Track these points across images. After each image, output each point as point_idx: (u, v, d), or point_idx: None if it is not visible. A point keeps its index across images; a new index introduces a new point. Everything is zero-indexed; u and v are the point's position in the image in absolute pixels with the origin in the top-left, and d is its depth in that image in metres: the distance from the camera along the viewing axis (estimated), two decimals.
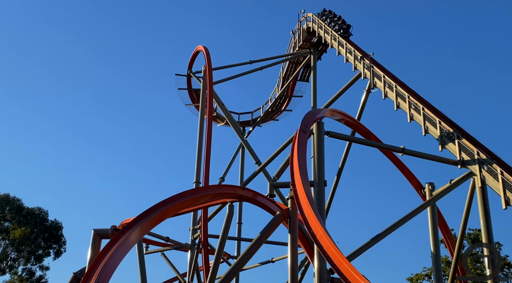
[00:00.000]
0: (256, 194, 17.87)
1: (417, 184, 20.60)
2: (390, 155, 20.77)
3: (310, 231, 12.38)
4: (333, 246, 11.36)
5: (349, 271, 10.47)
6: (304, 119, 16.36)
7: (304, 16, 28.92)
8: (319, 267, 14.06)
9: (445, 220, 20.98)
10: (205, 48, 27.86)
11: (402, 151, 17.76)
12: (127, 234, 13.19)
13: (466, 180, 16.96)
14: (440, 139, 17.45)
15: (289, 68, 30.51)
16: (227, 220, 17.84)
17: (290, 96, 31.90)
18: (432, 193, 18.88)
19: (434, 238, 18.62)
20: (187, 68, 30.13)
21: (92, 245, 15.26)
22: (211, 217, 23.42)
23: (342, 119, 20.33)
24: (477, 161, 16.19)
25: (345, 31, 25.53)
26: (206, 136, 24.46)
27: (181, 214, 18.20)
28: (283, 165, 21.52)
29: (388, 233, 15.68)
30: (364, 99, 22.39)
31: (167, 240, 24.00)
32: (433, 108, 18.98)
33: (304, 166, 14.56)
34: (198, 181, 24.14)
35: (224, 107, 28.32)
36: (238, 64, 28.95)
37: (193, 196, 16.53)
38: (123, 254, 12.69)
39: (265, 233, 15.36)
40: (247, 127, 32.90)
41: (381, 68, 21.44)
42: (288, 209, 15.47)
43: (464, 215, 17.63)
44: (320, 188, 15.51)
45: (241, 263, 15.94)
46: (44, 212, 43.85)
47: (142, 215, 14.25)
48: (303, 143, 15.46)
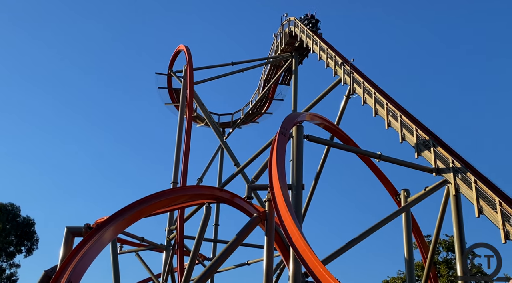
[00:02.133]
0: (234, 195, 17.83)
1: (393, 190, 20.86)
2: (368, 161, 20.99)
3: (287, 234, 12.41)
4: (308, 250, 11.40)
5: (324, 275, 10.51)
6: (284, 122, 16.42)
7: (287, 20, 29.06)
8: (294, 270, 14.10)
9: (419, 226, 21.27)
10: (187, 47, 27.75)
11: (379, 157, 17.97)
12: (100, 233, 12.99)
13: (440, 187, 17.24)
14: (416, 147, 17.70)
15: (270, 71, 30.62)
16: (203, 221, 17.75)
17: (270, 99, 32.01)
18: (407, 199, 19.15)
19: (408, 243, 18.87)
20: (168, 67, 29.97)
21: (64, 243, 14.98)
22: (188, 218, 23.28)
23: (322, 123, 20.48)
24: (452, 169, 16.47)
25: (313, 25, 26.71)
26: (185, 137, 24.33)
27: (157, 214, 18.02)
28: (261, 167, 21.56)
29: (363, 237, 15.84)
30: (344, 105, 22.61)
31: (142, 240, 23.77)
32: (410, 116, 19.26)
33: (282, 169, 14.60)
34: (175, 181, 23.98)
35: (204, 107, 28.23)
36: (220, 65, 28.95)
37: (170, 196, 16.39)
38: (96, 253, 12.49)
39: (241, 235, 15.32)
40: (227, 128, 32.87)
41: (361, 75, 21.67)
42: (265, 212, 15.48)
43: (438, 222, 17.93)
44: (298, 191, 15.58)
45: (217, 265, 15.87)
46: (16, 208, 42.87)
47: (116, 214, 14.06)
48: (282, 146, 15.51)
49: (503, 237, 13.62)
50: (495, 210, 14.21)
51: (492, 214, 14.29)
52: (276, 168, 14.42)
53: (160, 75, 30.38)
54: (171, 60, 29.73)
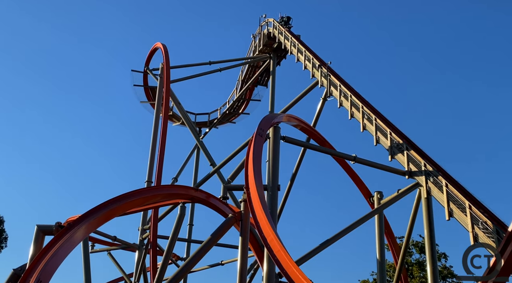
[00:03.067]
0: (209, 195, 17.78)
1: (367, 192, 21.13)
2: (343, 163, 21.22)
3: (261, 234, 12.44)
4: (283, 250, 11.45)
5: (297, 276, 10.57)
6: (261, 123, 16.46)
7: (265, 21, 29.13)
8: (268, 271, 14.14)
9: (391, 228, 21.60)
10: (164, 45, 27.54)
11: (354, 159, 18.18)
12: (72, 232, 12.79)
13: (413, 190, 17.55)
14: (390, 150, 17.98)
15: (248, 72, 30.64)
16: (178, 221, 17.64)
17: (248, 100, 32.03)
18: (380, 201, 19.42)
19: (380, 245, 19.13)
20: (144, 64, 29.68)
21: (34, 241, 14.63)
22: (162, 217, 23.08)
23: (298, 125, 20.60)
24: (424, 172, 16.78)
25: (285, 22, 27.29)
26: (161, 135, 24.13)
27: (130, 213, 17.84)
28: (238, 167, 21.56)
29: (337, 238, 15.99)
30: (320, 107, 22.79)
31: (114, 239, 23.47)
32: (385, 120, 19.54)
33: (258, 169, 14.62)
34: (150, 180, 23.76)
35: (180, 106, 28.05)
36: (197, 64, 28.84)
37: (144, 195, 16.23)
38: (67, 251, 12.29)
39: (216, 235, 15.29)
40: (204, 128, 32.75)
41: (337, 78, 21.88)
42: (240, 212, 15.47)
43: (410, 223, 18.25)
44: (274, 192, 15.62)
45: (190, 265, 15.79)
46: None
47: (89, 213, 13.87)
48: (259, 147, 15.53)
49: (472, 240, 13.93)
50: (464, 213, 14.52)
51: (462, 217, 14.60)
52: (252, 168, 14.44)
53: (136, 72, 30.06)
54: (147, 57, 29.45)
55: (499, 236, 13.37)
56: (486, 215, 14.38)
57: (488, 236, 13.56)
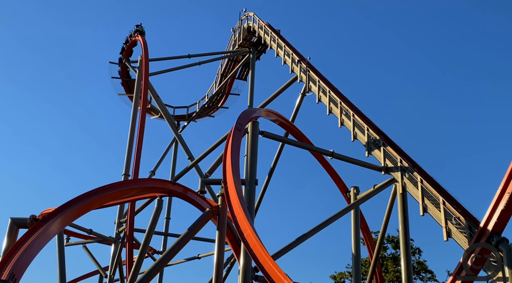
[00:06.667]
0: (187, 189, 17.74)
1: (343, 187, 21.37)
2: (320, 158, 21.39)
3: (238, 228, 12.48)
4: (259, 245, 11.53)
5: (273, 270, 10.66)
6: (239, 117, 16.46)
7: (246, 15, 29.06)
8: (244, 265, 14.20)
9: (367, 223, 21.93)
10: (143, 38, 27.26)
11: (332, 154, 18.36)
12: (47, 225, 12.61)
13: (388, 185, 17.83)
14: (367, 146, 18.21)
15: (227, 66, 30.56)
16: (155, 215, 17.57)
17: (227, 94, 31.97)
18: (356, 196, 19.67)
19: (356, 239, 19.41)
20: (123, 57, 29.33)
21: (8, 234, 14.38)
22: (139, 210, 22.93)
23: (277, 120, 20.67)
24: (400, 168, 17.05)
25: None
26: (139, 128, 23.92)
27: (107, 206, 17.66)
28: (216, 161, 21.52)
29: (313, 233, 16.13)
30: (299, 102, 22.89)
31: (90, 232, 23.29)
32: (363, 116, 19.76)
33: (236, 164, 14.65)
34: (127, 174, 23.58)
35: (159, 99, 27.84)
36: (176, 57, 28.66)
37: (120, 188, 16.10)
38: (42, 245, 12.12)
39: (193, 229, 15.28)
40: (182, 121, 32.60)
41: (316, 73, 22.00)
42: (218, 206, 15.50)
43: (385, 219, 18.55)
44: (251, 186, 15.67)
45: (167, 259, 15.76)
46: None
47: (64, 206, 13.68)
48: (237, 141, 15.55)
49: (445, 235, 14.24)
50: (438, 209, 14.80)
51: (435, 213, 14.89)
52: (231, 162, 14.45)
53: (114, 64, 29.72)
54: (126, 50, 29.11)
55: (471, 231, 13.69)
56: (459, 211, 14.71)
57: (460, 231, 13.89)
